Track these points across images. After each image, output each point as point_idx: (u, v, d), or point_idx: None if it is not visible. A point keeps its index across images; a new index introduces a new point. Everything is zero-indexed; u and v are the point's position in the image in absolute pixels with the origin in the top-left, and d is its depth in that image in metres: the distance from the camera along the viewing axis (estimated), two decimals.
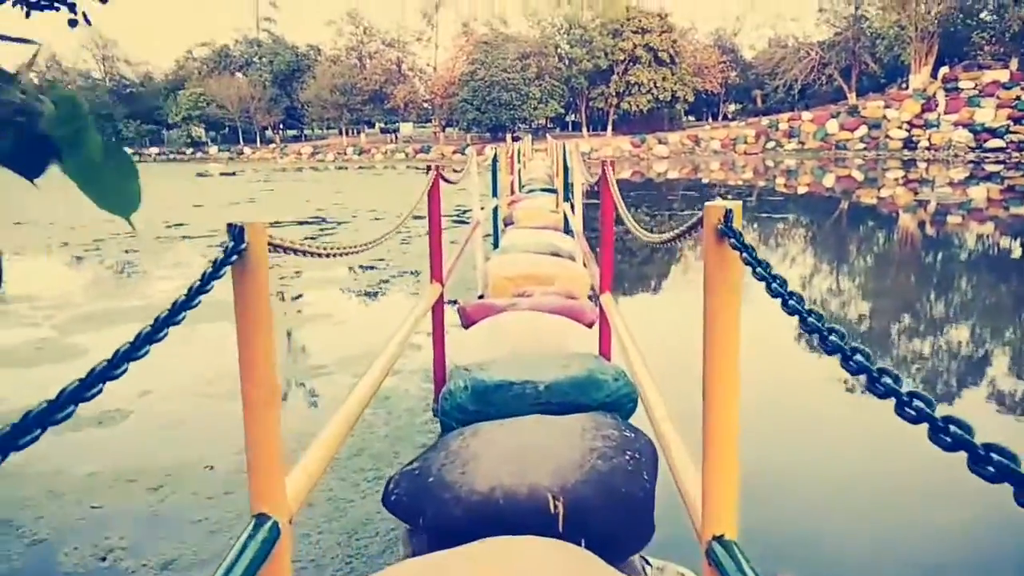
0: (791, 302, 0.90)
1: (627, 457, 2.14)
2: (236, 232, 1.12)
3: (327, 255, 1.38)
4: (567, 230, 7.84)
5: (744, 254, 1.06)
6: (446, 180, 3.62)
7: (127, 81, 63.88)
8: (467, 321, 4.36)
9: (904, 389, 0.63)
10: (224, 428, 4.35)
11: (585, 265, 4.99)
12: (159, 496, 3.53)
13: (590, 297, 5.19)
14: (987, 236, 12.62)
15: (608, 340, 3.30)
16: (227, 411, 4.62)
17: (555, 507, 1.91)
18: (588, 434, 2.25)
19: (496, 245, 7.76)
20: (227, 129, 58.53)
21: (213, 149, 56.31)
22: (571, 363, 3.00)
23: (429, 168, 3.21)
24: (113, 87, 61.97)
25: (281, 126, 58.06)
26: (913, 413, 0.60)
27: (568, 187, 8.25)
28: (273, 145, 55.50)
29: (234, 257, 1.10)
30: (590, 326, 4.24)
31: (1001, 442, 0.54)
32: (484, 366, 3.02)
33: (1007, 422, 4.48)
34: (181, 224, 14.84)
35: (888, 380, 0.65)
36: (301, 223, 14.66)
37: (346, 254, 1.75)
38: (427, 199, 3.24)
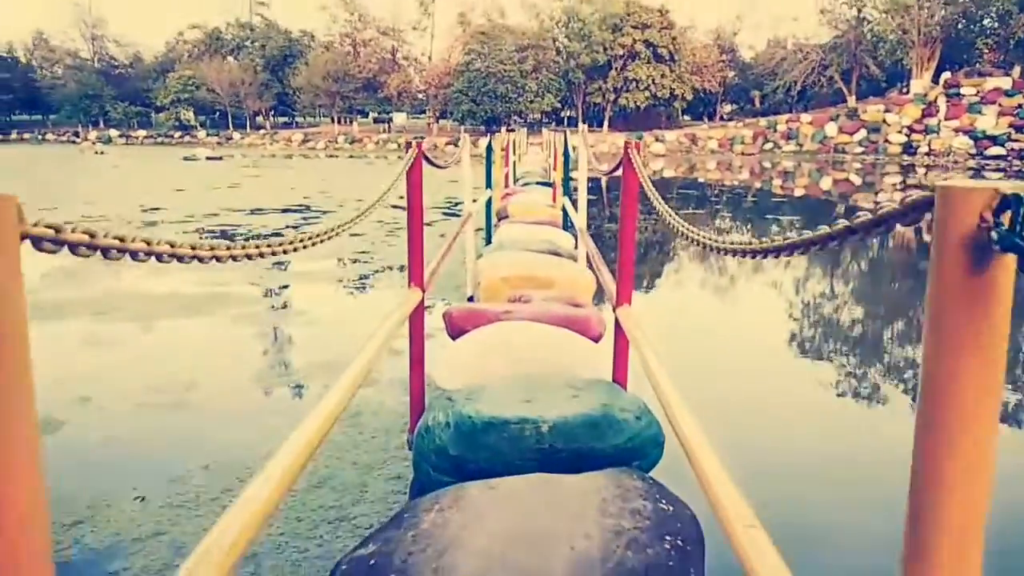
0: None
1: (667, 545, 1.54)
2: None
3: (107, 249, 0.73)
4: (566, 227, 7.23)
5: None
6: (430, 162, 3.01)
7: (116, 62, 62.78)
8: (454, 330, 3.76)
9: None
10: (163, 447, 3.73)
11: (591, 267, 4.39)
12: (74, 535, 2.91)
13: (595, 303, 4.59)
14: None
15: (624, 363, 2.71)
16: (170, 426, 3.99)
17: None
18: (611, 505, 1.65)
19: (489, 240, 7.15)
20: (217, 113, 57.54)
21: (202, 133, 55.32)
22: (581, 393, 2.40)
23: (409, 145, 2.60)
24: (102, 68, 60.83)
25: (272, 112, 57.10)
26: None
27: (568, 180, 7.65)
28: (263, 131, 54.56)
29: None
30: (597, 339, 3.64)
31: None
32: (472, 394, 2.42)
33: None
34: (157, 208, 14.14)
35: None
36: (284, 211, 14.00)
37: (130, 251, 1.14)
38: (406, 183, 2.63)
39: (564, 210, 7.18)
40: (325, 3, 55.41)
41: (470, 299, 5.30)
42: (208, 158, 33.39)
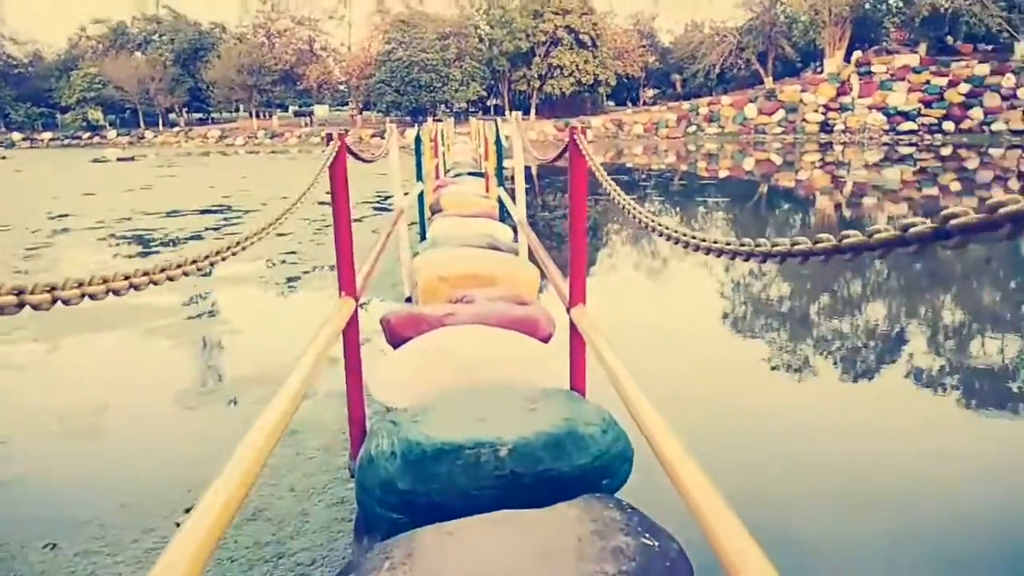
0: None
1: None
2: None
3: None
4: (503, 218, 7.01)
5: None
6: (355, 156, 2.74)
7: (14, 61, 59.01)
8: (393, 337, 3.50)
9: None
10: (76, 482, 3.36)
11: (533, 261, 4.18)
12: None
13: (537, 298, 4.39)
14: (900, 216, 12.72)
15: (581, 368, 2.51)
16: (82, 457, 3.61)
17: None
18: (589, 545, 1.45)
19: (423, 236, 6.87)
20: (127, 112, 54.86)
21: (112, 133, 52.64)
22: (539, 406, 2.19)
23: (329, 138, 2.32)
24: None
25: (185, 108, 54.79)
26: None
27: (501, 170, 7.43)
28: (177, 128, 52.30)
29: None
30: (547, 340, 3.45)
31: None
32: (418, 414, 2.18)
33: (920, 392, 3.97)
34: (65, 215, 13.26)
35: None
36: (204, 211, 13.33)
37: None
38: (329, 180, 2.36)
39: (500, 201, 6.95)
40: None
41: (408, 300, 5.03)
42: (119, 159, 31.76)
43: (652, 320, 6.15)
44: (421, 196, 7.04)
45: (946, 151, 27.15)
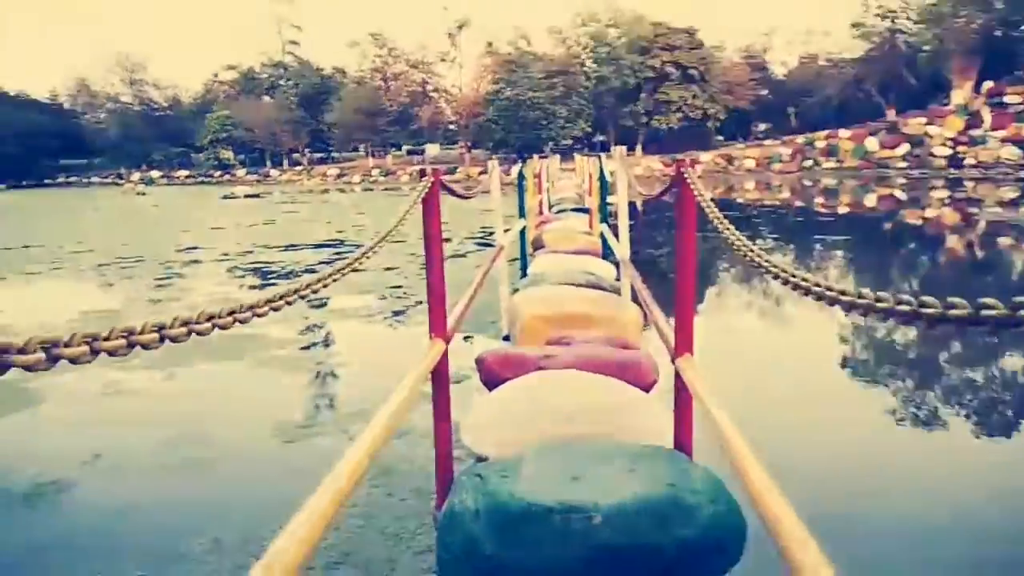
0: None
1: None
2: None
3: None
4: (605, 255, 6.84)
5: None
6: (450, 191, 2.66)
7: (156, 104, 64.49)
8: (488, 376, 3.38)
9: None
10: (178, 514, 3.40)
11: (636, 300, 3.98)
12: None
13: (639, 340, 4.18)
14: None
15: (688, 425, 2.30)
16: (185, 489, 3.66)
17: None
18: None
19: (524, 273, 6.79)
20: (255, 152, 58.58)
21: (241, 171, 56.33)
22: (640, 467, 1.99)
23: (424, 173, 2.25)
24: (142, 110, 62.52)
25: (308, 148, 57.95)
26: None
27: (605, 206, 7.27)
28: (300, 167, 55.34)
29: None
30: (649, 388, 3.23)
31: None
32: (507, 469, 2.03)
33: None
34: (194, 248, 14.11)
35: None
36: (319, 245, 13.86)
37: None
38: (422, 213, 2.29)
39: (603, 237, 6.79)
40: (356, 39, 56.38)
41: (506, 338, 4.93)
42: (247, 196, 33.80)
43: (764, 372, 5.77)
44: (523, 232, 6.97)
45: None
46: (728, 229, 1.92)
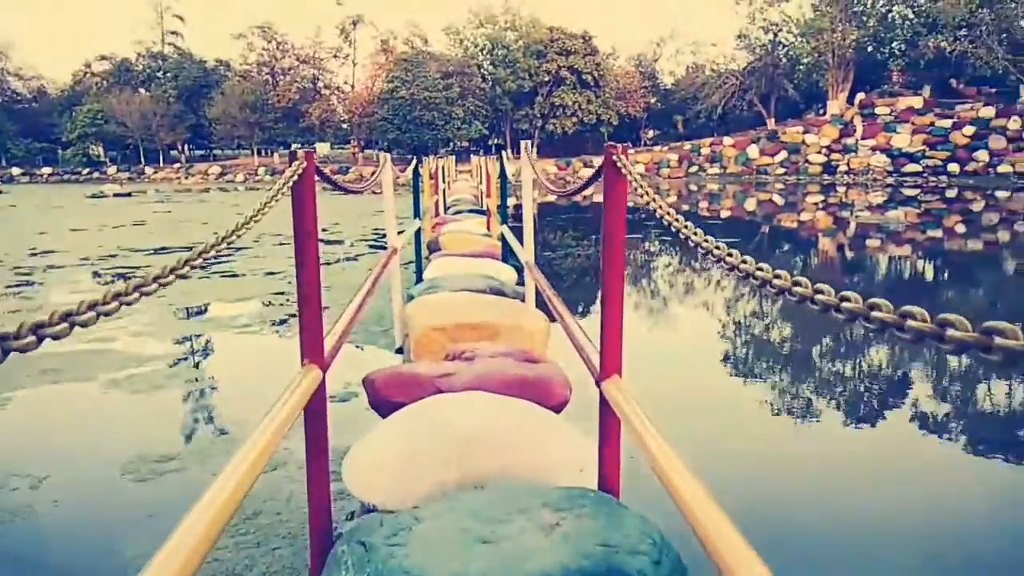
0: None
1: None
2: None
3: None
4: (505, 258, 6.47)
5: None
6: (328, 180, 2.20)
7: (18, 96, 59.28)
8: (377, 400, 2.93)
9: None
10: None
11: (544, 309, 3.62)
12: None
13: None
14: (903, 258, 12.46)
15: (615, 460, 1.93)
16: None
17: None
18: None
19: (420, 278, 6.32)
20: (128, 148, 54.83)
21: (112, 169, 52.55)
22: (564, 519, 1.60)
23: (294, 156, 1.79)
24: (2, 102, 57.31)
25: (187, 145, 54.79)
26: None
27: (505, 207, 6.91)
28: (177, 165, 52.20)
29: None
30: (560, 408, 2.87)
31: None
32: (397, 530, 1.59)
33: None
34: (50, 251, 12.74)
35: None
36: (191, 248, 12.80)
37: None
38: (292, 205, 1.83)
39: (503, 239, 6.42)
40: (242, 31, 53.83)
41: (399, 350, 4.46)
42: (116, 194, 31.43)
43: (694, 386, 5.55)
44: (418, 234, 6.51)
45: (951, 193, 26.81)
46: (655, 202, 1.59)
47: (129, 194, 32.65)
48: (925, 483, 3.71)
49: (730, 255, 1.07)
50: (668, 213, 1.49)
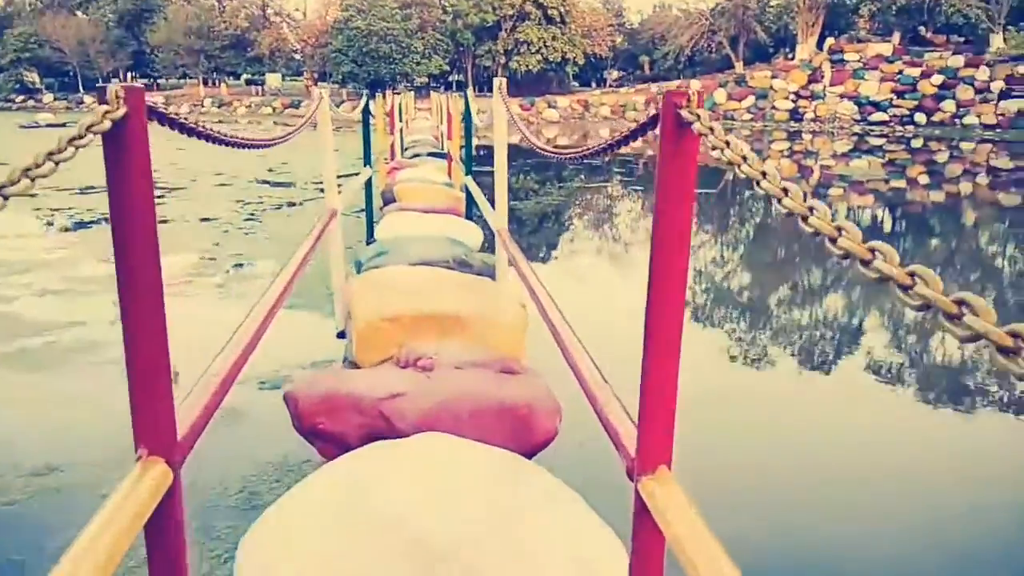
0: None
1: None
2: None
3: None
4: (469, 215, 5.65)
5: None
6: (166, 120, 1.38)
7: None
8: (302, 425, 2.20)
9: None
10: None
11: (529, 290, 2.84)
12: None
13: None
14: (864, 208, 12.29)
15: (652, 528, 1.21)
16: None
17: None
18: None
19: (371, 236, 5.49)
20: (68, 76, 51.47)
21: (48, 97, 49.39)
22: None
23: (103, 93, 0.99)
24: None
25: (129, 73, 51.65)
26: None
27: (469, 153, 6.04)
28: None
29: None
30: (545, 445, 2.15)
31: None
32: None
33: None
34: None
35: None
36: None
37: None
38: (105, 165, 1.05)
39: (467, 191, 5.58)
40: None
41: (340, 335, 3.66)
42: (50, 125, 29.37)
43: None
44: (369, 183, 5.63)
45: (917, 143, 26.56)
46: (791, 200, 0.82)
47: (63, 124, 30.52)
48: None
49: None
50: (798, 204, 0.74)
